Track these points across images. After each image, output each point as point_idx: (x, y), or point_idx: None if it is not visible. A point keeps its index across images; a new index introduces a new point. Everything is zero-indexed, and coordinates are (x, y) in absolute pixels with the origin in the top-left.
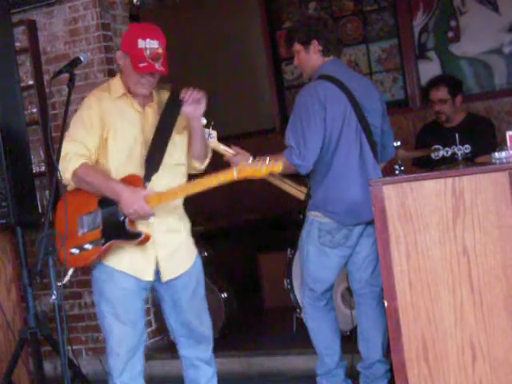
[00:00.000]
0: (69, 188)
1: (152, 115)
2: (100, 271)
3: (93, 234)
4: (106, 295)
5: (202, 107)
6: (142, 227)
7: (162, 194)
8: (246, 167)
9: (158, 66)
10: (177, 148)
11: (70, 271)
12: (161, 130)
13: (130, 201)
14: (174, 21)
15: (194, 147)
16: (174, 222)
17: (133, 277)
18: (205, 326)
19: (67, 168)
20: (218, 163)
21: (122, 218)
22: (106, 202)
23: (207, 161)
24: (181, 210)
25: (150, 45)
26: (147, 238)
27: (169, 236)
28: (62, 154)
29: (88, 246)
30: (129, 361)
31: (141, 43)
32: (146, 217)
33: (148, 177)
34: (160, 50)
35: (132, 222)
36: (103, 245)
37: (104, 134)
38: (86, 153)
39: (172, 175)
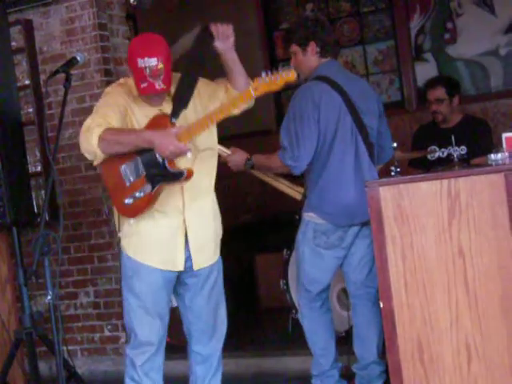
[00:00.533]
0: (95, 163)
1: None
2: (126, 267)
3: (139, 182)
4: (134, 290)
5: (232, 38)
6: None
7: (190, 128)
8: (261, 82)
9: (158, 84)
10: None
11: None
12: (190, 67)
13: (163, 144)
14: (171, 21)
15: (237, 81)
16: (205, 206)
17: (160, 270)
18: (219, 321)
19: (91, 137)
20: None
21: (161, 161)
22: (142, 150)
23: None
24: (211, 188)
25: (149, 63)
26: (190, 173)
27: (200, 221)
28: (84, 128)
29: (139, 194)
30: (153, 354)
31: (140, 62)
32: (182, 154)
33: (175, 114)
34: (160, 66)
35: (172, 163)
36: (152, 190)
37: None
38: (109, 125)
39: (201, 162)
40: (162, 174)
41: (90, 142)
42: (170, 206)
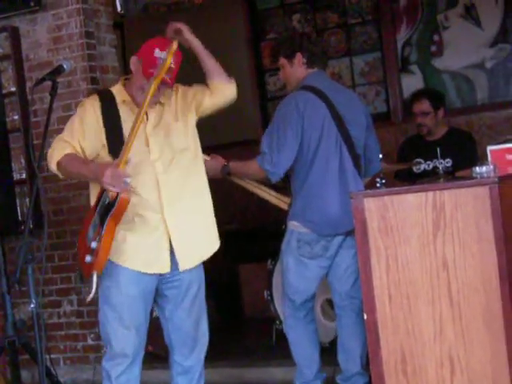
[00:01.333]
0: None
1: (153, 117)
2: (105, 276)
3: (96, 232)
4: (110, 301)
5: (186, 31)
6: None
7: (124, 149)
8: (159, 68)
9: (165, 76)
10: (179, 134)
11: (94, 280)
12: None
13: (102, 170)
14: (158, 30)
15: (207, 67)
16: (189, 206)
17: (141, 276)
18: (200, 333)
19: (51, 160)
20: None
21: (107, 200)
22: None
23: (228, 78)
24: (199, 188)
25: (165, 57)
26: (125, 201)
27: (183, 221)
28: (50, 148)
29: (94, 244)
30: (129, 365)
31: (157, 53)
32: (120, 179)
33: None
34: (173, 66)
35: (113, 195)
36: (102, 231)
37: (102, 139)
38: (73, 149)
39: (178, 162)
40: (109, 210)
41: (51, 165)
42: (147, 210)
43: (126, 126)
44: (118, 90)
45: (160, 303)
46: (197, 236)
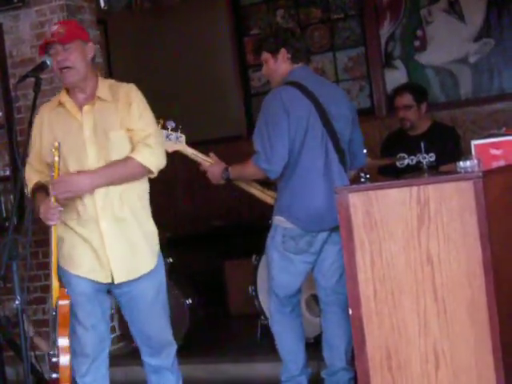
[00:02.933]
0: None
1: (91, 114)
2: (60, 276)
3: (56, 348)
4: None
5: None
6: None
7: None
8: None
9: (52, 38)
10: (114, 146)
11: None
12: None
13: (41, 211)
14: (141, 26)
15: None
16: (123, 216)
17: (88, 280)
18: (166, 333)
19: (28, 189)
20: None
21: (54, 312)
22: None
23: (153, 169)
24: (132, 201)
25: (52, 30)
26: (64, 307)
27: (118, 229)
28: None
29: (55, 359)
30: (92, 364)
31: (46, 35)
32: (52, 212)
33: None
34: (61, 30)
35: None
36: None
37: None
38: (37, 174)
39: None
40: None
41: (29, 194)
42: (85, 218)
43: (54, 130)
44: (62, 93)
45: (120, 306)
46: (132, 250)
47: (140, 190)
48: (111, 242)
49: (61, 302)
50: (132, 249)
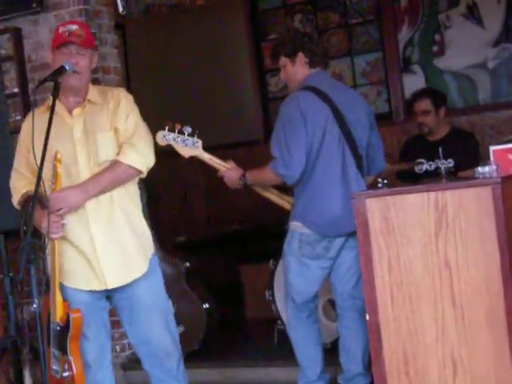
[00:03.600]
0: None
1: (82, 117)
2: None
3: (62, 362)
4: None
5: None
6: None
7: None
8: None
9: (73, 38)
10: (102, 147)
11: None
12: None
13: (39, 223)
14: (159, 31)
15: None
16: (115, 220)
17: (83, 291)
18: (167, 341)
19: (13, 199)
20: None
21: (58, 326)
22: None
23: (142, 169)
24: (124, 203)
25: (69, 28)
26: (78, 319)
27: (109, 232)
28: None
29: (66, 374)
30: (97, 373)
31: (61, 29)
32: (56, 226)
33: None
34: (80, 33)
35: None
36: (68, 358)
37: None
38: (23, 182)
39: None
40: (61, 334)
41: (14, 202)
42: (75, 223)
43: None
44: (51, 98)
45: (117, 314)
46: (124, 253)
47: (131, 189)
48: (102, 247)
49: (73, 315)
50: (124, 252)
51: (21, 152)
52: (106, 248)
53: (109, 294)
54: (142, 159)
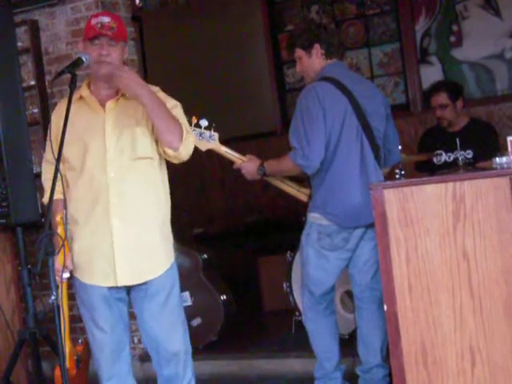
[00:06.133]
0: None
1: (115, 111)
2: (75, 279)
3: None
4: (83, 302)
5: (117, 76)
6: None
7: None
8: None
9: (104, 31)
10: (139, 142)
11: None
12: None
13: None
14: (176, 23)
15: (155, 125)
16: (138, 217)
17: (98, 286)
18: (175, 342)
19: (44, 194)
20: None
21: None
22: None
23: (181, 145)
24: (151, 204)
25: (102, 20)
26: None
27: (130, 232)
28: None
29: None
30: (113, 364)
31: (93, 21)
32: (59, 275)
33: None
34: (113, 25)
35: None
36: None
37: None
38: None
39: (135, 171)
40: None
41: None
42: (95, 216)
43: (75, 124)
44: (82, 88)
45: (133, 308)
46: (140, 254)
47: (160, 189)
48: (122, 244)
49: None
50: (144, 250)
51: (50, 142)
52: (126, 245)
53: (127, 288)
54: (188, 145)
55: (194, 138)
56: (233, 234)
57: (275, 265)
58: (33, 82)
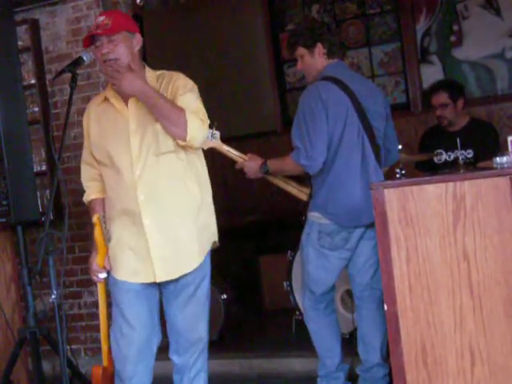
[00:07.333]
0: None
1: (138, 107)
2: (109, 275)
3: None
4: (115, 298)
5: (113, 79)
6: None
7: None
8: None
9: (99, 30)
10: (162, 137)
11: None
12: None
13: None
14: (177, 22)
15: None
16: (170, 212)
17: (129, 282)
18: (196, 332)
19: (85, 194)
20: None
21: None
22: None
23: (187, 134)
24: (181, 196)
25: (97, 21)
26: (94, 374)
27: (162, 228)
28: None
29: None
30: (138, 363)
31: (91, 27)
32: (95, 275)
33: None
34: (107, 22)
35: None
36: None
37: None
38: (93, 173)
39: (160, 166)
40: None
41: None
42: (127, 215)
43: (103, 126)
44: (107, 88)
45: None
46: (175, 249)
47: (192, 177)
48: (154, 239)
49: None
50: (177, 245)
51: (85, 143)
52: (158, 241)
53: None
54: (199, 132)
55: (199, 122)
56: (233, 233)
57: (276, 264)
58: (33, 81)
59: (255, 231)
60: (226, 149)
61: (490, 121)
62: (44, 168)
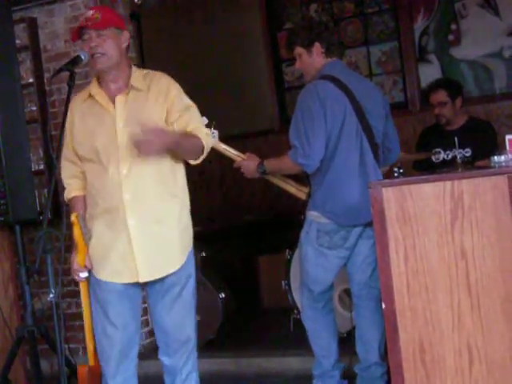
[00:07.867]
0: None
1: (125, 105)
2: (91, 274)
3: None
4: (97, 297)
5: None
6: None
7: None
8: None
9: (89, 23)
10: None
11: None
12: None
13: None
14: (175, 21)
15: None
16: (154, 212)
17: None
18: (184, 333)
19: (66, 192)
20: None
21: None
22: None
23: (202, 154)
24: (165, 197)
25: (86, 14)
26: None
27: (146, 227)
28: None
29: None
30: (121, 364)
31: (80, 19)
32: (76, 274)
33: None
34: (96, 15)
35: None
36: None
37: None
38: (75, 170)
39: (147, 165)
40: None
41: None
42: (111, 214)
43: (87, 123)
44: (92, 84)
45: (146, 298)
46: (159, 249)
47: (178, 180)
48: (138, 240)
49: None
50: (161, 246)
51: (66, 139)
52: (142, 241)
53: (143, 283)
54: (208, 147)
55: (206, 135)
56: (231, 232)
57: (274, 263)
58: (31, 80)
59: (253, 230)
60: (224, 148)
61: (488, 120)
62: (42, 167)
